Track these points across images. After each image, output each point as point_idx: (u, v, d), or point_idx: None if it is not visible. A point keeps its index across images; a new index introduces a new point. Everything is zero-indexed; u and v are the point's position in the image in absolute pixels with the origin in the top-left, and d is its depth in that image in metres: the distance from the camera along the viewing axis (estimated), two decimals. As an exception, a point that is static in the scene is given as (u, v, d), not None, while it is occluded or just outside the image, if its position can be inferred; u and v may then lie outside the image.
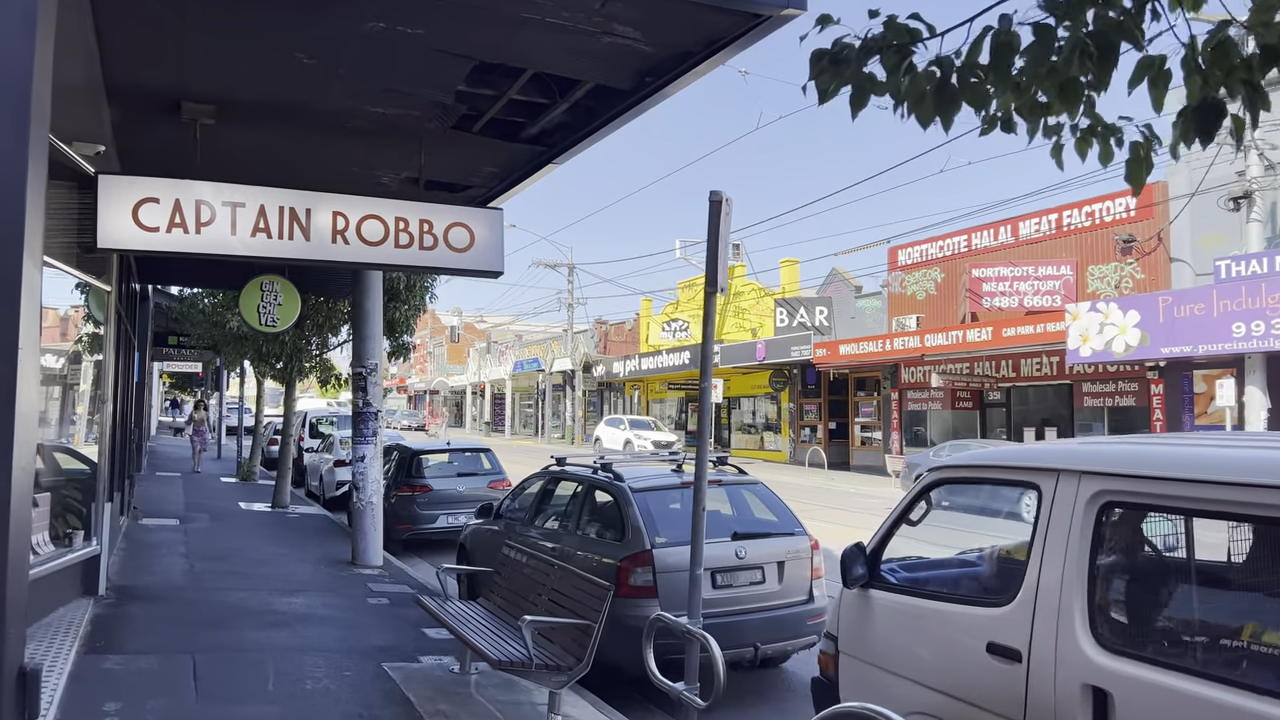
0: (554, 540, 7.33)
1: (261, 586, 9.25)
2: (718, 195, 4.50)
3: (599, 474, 7.28)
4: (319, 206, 6.47)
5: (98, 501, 8.14)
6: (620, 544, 6.56)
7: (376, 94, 6.06)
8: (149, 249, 6.08)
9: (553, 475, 8.11)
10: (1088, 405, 23.62)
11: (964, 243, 27.24)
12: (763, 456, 35.43)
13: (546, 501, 8.09)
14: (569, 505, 7.62)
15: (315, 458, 19.90)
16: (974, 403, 27.32)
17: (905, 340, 25.69)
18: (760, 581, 6.58)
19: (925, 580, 4.42)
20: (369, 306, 11.10)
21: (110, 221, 5.97)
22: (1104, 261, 23.17)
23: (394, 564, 11.23)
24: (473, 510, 13.14)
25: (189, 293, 19.40)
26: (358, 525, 10.99)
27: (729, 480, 7.23)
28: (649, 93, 5.73)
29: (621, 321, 48.01)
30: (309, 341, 15.92)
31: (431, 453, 13.66)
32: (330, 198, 6.52)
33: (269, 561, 10.72)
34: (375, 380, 11.12)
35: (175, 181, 6.14)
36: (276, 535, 13.04)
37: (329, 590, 9.29)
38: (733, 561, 6.49)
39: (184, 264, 11.65)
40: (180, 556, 10.67)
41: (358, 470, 11.00)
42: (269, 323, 11.52)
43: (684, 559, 6.39)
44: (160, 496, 16.62)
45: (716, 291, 4.71)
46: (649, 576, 6.28)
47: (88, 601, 7.85)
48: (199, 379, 39.19)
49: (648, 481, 6.98)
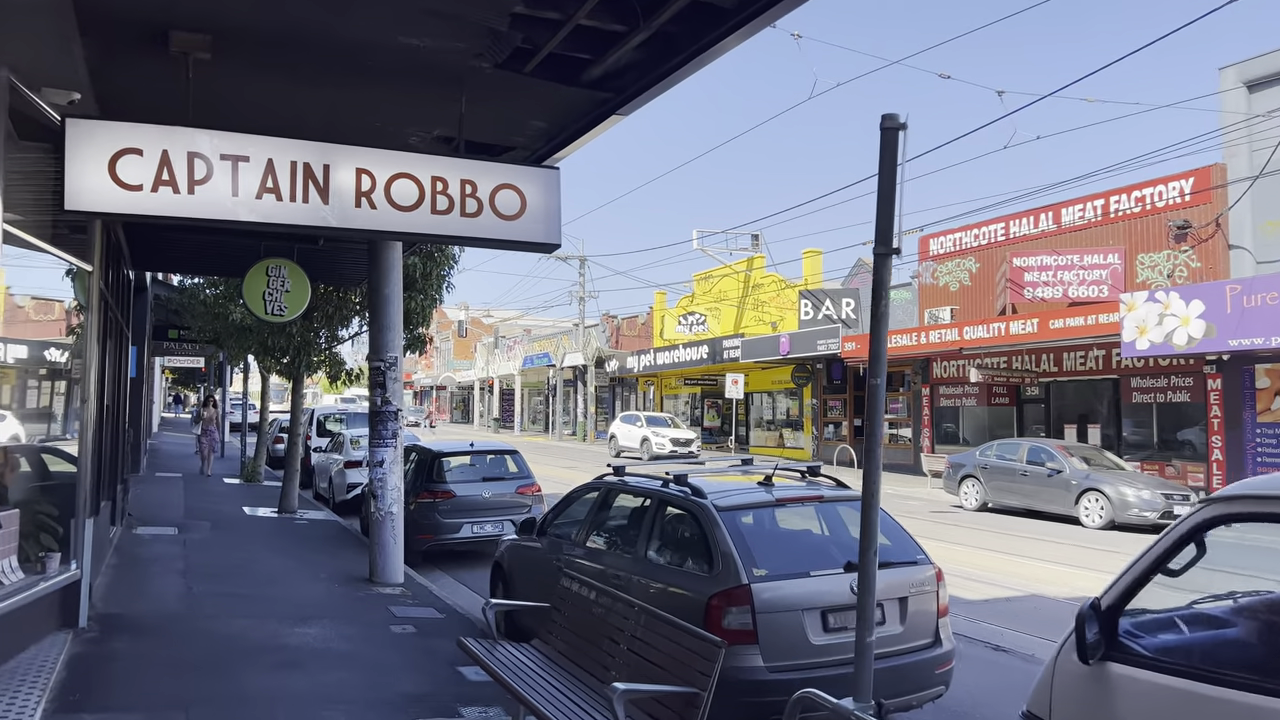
0: (618, 568, 6.12)
1: (269, 612, 8.06)
2: (893, 120, 3.27)
3: (671, 488, 6.08)
4: (340, 162, 5.28)
5: (78, 517, 6.96)
6: (707, 576, 5.36)
7: (414, 15, 4.84)
8: (130, 212, 4.88)
9: (610, 487, 6.90)
10: (1136, 401, 22.38)
11: (1001, 230, 26.00)
12: (784, 454, 34.23)
13: (603, 518, 6.88)
14: (633, 524, 6.42)
15: (324, 458, 18.73)
16: (1010, 398, 26.09)
17: (942, 333, 24.44)
18: (880, 622, 5.38)
19: (1206, 651, 3.20)
20: (388, 292, 9.90)
21: (81, 177, 4.77)
22: (1155, 249, 21.91)
23: (415, 580, 10.05)
24: (499, 518, 11.99)
25: (190, 284, 18.24)
26: (376, 537, 9.80)
27: (830, 495, 6.02)
28: (758, 9, 4.51)
29: (634, 315, 46.81)
30: (317, 334, 14.74)
31: (454, 455, 12.45)
32: (354, 151, 5.32)
33: (277, 579, 9.54)
34: (395, 375, 9.93)
35: (163, 129, 4.95)
36: (284, 546, 11.87)
37: (346, 617, 8.11)
38: (848, 599, 5.28)
39: (179, 244, 10.45)
40: (177, 575, 9.49)
41: (376, 476, 9.81)
42: (276, 311, 10.35)
43: (789, 596, 5.21)
44: (158, 501, 15.45)
45: (890, 253, 3.49)
46: (746, 618, 5.08)
47: (65, 637, 6.67)
48: (201, 374, 38.12)
49: (735, 498, 5.77)
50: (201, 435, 21.81)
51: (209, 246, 10.95)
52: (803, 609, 5.19)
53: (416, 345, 14.91)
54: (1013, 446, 19.54)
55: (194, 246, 10.91)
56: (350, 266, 12.07)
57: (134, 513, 13.20)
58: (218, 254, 11.25)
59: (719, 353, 33.89)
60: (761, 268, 36.27)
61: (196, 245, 10.84)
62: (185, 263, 12.58)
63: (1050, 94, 14.06)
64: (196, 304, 16.82)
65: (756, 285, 36.16)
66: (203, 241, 10.59)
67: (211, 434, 21.76)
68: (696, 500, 5.75)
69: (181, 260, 12.37)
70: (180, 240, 10.44)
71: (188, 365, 35.50)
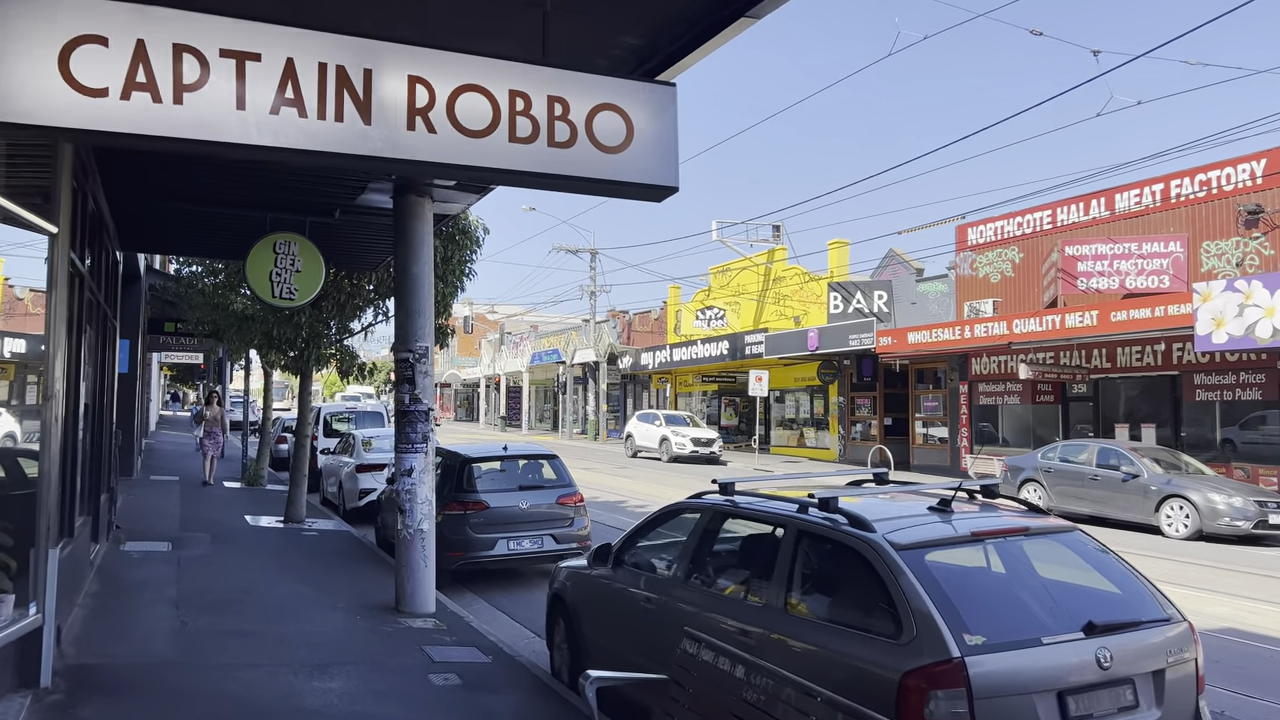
0: (743, 619, 4.64)
1: (281, 657, 6.58)
2: None
3: (815, 514, 4.60)
4: (387, 66, 3.80)
5: (38, 547, 5.48)
6: (893, 644, 3.88)
7: None
8: (90, 128, 3.40)
9: (718, 510, 5.40)
10: (1199, 399, 20.89)
11: (1047, 218, 24.53)
12: (808, 455, 32.81)
13: (711, 550, 5.39)
14: (759, 561, 4.92)
15: (333, 460, 17.24)
16: (1055, 396, 24.61)
17: (989, 326, 22.94)
18: (1132, 706, 3.90)
19: None
20: (417, 271, 8.41)
21: (19, 75, 3.29)
22: (1222, 236, 20.43)
23: (448, 608, 8.58)
24: (539, 533, 10.49)
25: (187, 271, 16.73)
26: (404, 559, 8.32)
27: (1037, 526, 4.52)
28: None
29: (647, 310, 45.33)
30: (326, 324, 13.24)
31: (485, 460, 10.95)
32: (405, 52, 3.85)
33: (288, 611, 8.05)
34: (426, 368, 8.45)
35: (138, 8, 3.46)
36: (294, 564, 10.38)
37: (374, 662, 6.62)
38: (1094, 674, 3.81)
39: (167, 215, 8.92)
40: (169, 606, 7.99)
41: (403, 487, 8.33)
42: (285, 294, 8.87)
43: (1018, 673, 3.73)
44: (151, 510, 13.95)
45: None
46: (961, 707, 3.60)
47: (22, 702, 5.19)
48: (200, 371, 36.58)
49: (915, 532, 4.28)
50: (204, 439, 18.76)
51: (204, 220, 9.47)
52: (1034, 692, 3.72)
53: (439, 338, 13.43)
54: (1077, 448, 18.06)
55: (186, 219, 9.42)
56: (368, 244, 10.59)
57: (122, 525, 11.72)
58: (216, 228, 9.77)
59: (740, 348, 32.41)
60: (783, 260, 34.79)
61: (189, 218, 9.36)
62: (178, 239, 11.05)
63: (1141, 55, 12.57)
64: (194, 293, 15.31)
65: (778, 278, 34.66)
66: (198, 214, 9.11)
67: (215, 436, 18.65)
68: (861, 535, 4.26)
69: (173, 235, 10.83)
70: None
71: (186, 361, 33.93)
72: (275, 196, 8.54)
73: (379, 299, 13.62)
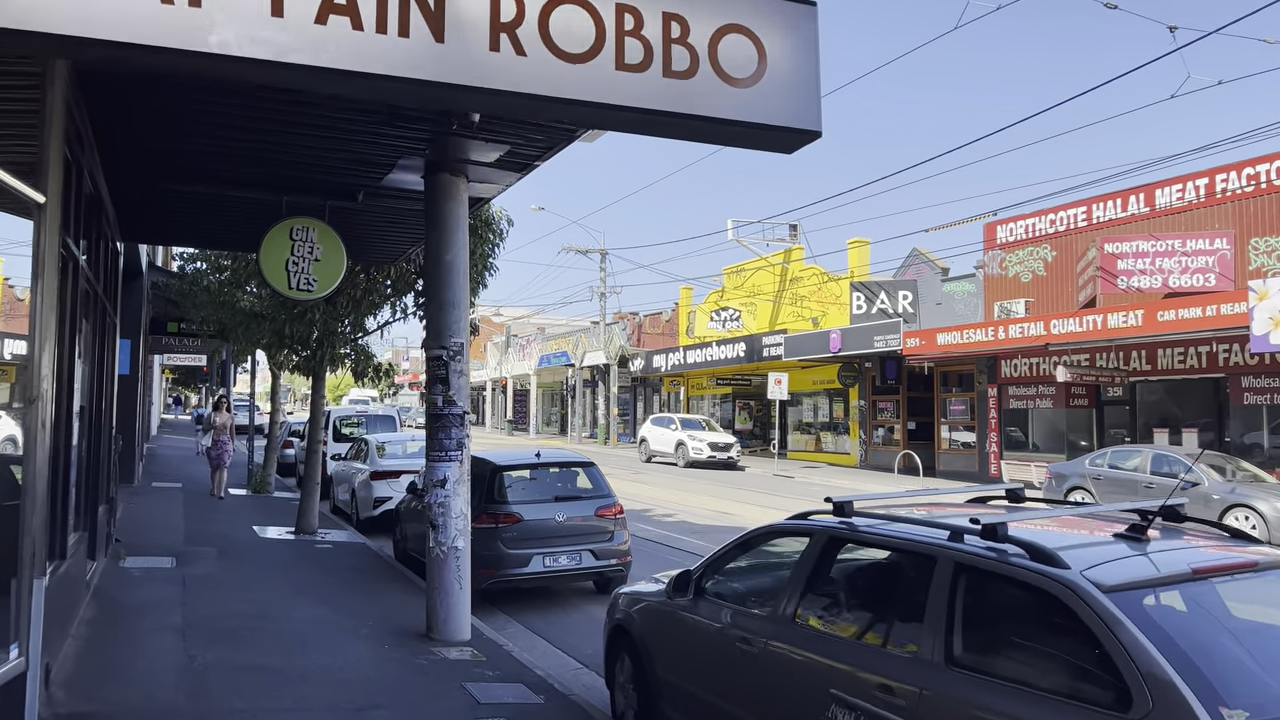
0: (886, 673, 3.74)
1: (306, 700, 5.69)
2: None
3: (978, 545, 3.71)
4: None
5: (21, 578, 4.59)
6: (1117, 716, 2.98)
7: None
8: (80, 34, 2.52)
9: (835, 535, 4.50)
10: (1247, 403, 19.98)
11: (1082, 215, 23.65)
12: (828, 460, 31.92)
13: (828, 583, 4.49)
14: (901, 600, 4.03)
15: (344, 466, 16.34)
16: (1090, 400, 23.70)
17: (1024, 327, 22.02)
18: None
19: None
20: (450, 259, 7.52)
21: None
22: (1272, 232, 19.56)
23: (484, 634, 7.70)
24: (576, 548, 9.58)
25: (191, 269, 15.87)
26: (437, 580, 7.44)
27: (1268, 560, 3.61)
28: None
29: (658, 312, 44.45)
30: (342, 321, 12.37)
31: (516, 468, 10.06)
32: (488, -50, 2.95)
33: (309, 640, 7.15)
34: (460, 367, 7.57)
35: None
36: (310, 582, 9.49)
37: (412, 702, 5.74)
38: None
39: (174, 190, 8.02)
40: (174, 635, 7.09)
41: (436, 499, 7.44)
42: (303, 286, 8.00)
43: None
44: (154, 520, 13.06)
45: None
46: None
47: (-2, 765, 4.31)
48: (203, 374, 35.70)
49: (1120, 569, 3.39)
50: (211, 448, 16.62)
51: (212, 204, 8.59)
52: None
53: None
54: (1129, 454, 17.17)
55: (193, 202, 8.54)
56: (390, 233, 9.71)
57: (122, 539, 10.83)
58: (226, 213, 8.89)
59: (758, 350, 31.49)
60: (800, 260, 33.91)
61: (196, 202, 8.48)
62: (184, 226, 10.13)
63: (1214, 31, 11.69)
64: (199, 290, 14.45)
65: (795, 279, 33.76)
66: (206, 197, 8.23)
67: (224, 446, 16.45)
68: (1049, 572, 3.36)
69: (179, 221, 9.92)
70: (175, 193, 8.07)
71: (188, 364, 33.05)
72: (292, 176, 7.67)
73: (396, 296, 12.74)
